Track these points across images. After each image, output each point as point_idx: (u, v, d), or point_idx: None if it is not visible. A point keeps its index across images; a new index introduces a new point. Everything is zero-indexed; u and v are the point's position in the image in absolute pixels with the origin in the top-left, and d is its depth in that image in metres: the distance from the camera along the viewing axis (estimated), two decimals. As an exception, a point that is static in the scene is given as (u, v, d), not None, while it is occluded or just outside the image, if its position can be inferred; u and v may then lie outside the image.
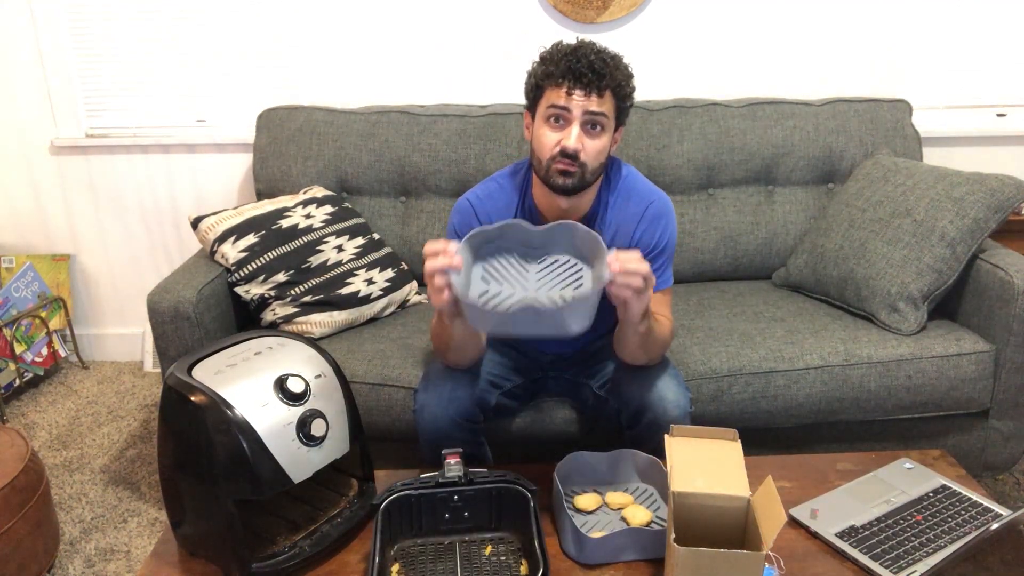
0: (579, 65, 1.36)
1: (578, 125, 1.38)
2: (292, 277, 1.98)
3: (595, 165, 1.42)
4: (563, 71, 1.37)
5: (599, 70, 1.36)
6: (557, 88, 1.38)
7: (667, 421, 1.49)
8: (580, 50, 1.38)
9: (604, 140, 1.41)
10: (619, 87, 1.40)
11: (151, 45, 2.56)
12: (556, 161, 1.40)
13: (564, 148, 1.38)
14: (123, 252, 2.81)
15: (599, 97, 1.38)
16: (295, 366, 1.30)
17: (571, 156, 1.39)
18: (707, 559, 1.06)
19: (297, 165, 2.29)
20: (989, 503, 1.39)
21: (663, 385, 1.52)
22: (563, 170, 1.40)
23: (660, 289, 1.54)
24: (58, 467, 2.27)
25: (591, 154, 1.40)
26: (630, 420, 1.56)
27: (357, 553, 1.33)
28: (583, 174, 1.41)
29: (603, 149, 1.42)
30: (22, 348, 2.65)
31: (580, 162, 1.40)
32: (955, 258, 1.89)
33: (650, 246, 1.53)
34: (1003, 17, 2.52)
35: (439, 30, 2.52)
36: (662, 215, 1.54)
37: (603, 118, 1.39)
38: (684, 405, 1.52)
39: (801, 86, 2.55)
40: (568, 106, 1.38)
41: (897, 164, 2.13)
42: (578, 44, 1.40)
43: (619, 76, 1.39)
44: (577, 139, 1.38)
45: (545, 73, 1.40)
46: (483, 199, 1.58)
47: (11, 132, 2.67)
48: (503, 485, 1.35)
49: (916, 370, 1.85)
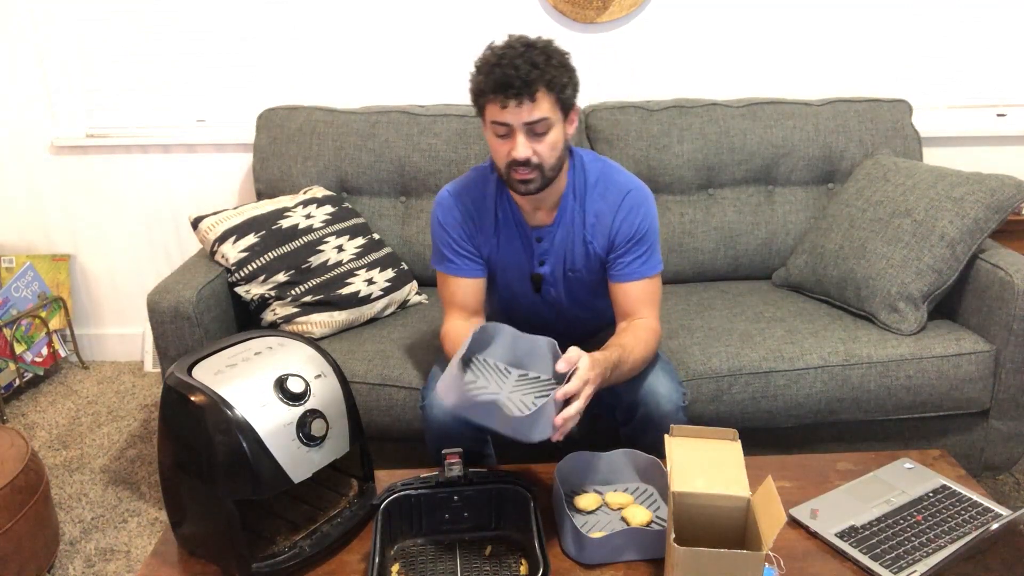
0: (507, 77, 1.34)
1: (522, 135, 1.40)
2: (292, 277, 1.98)
3: (552, 160, 1.44)
4: (492, 86, 1.37)
5: (526, 76, 1.34)
6: (491, 102, 1.39)
7: (660, 415, 1.50)
8: (505, 56, 1.36)
9: (553, 136, 1.42)
10: (552, 83, 1.38)
11: (151, 45, 2.56)
12: (512, 171, 1.44)
13: (514, 159, 1.41)
14: (123, 252, 2.81)
15: (532, 102, 1.37)
16: (295, 366, 1.30)
17: (523, 164, 1.41)
18: (707, 559, 1.06)
19: (297, 165, 2.29)
20: (989, 503, 1.39)
21: (655, 380, 1.53)
22: (521, 179, 1.44)
23: (647, 276, 1.56)
24: (58, 467, 2.27)
25: (544, 154, 1.42)
26: (624, 416, 1.58)
27: (357, 553, 1.33)
28: (542, 173, 1.44)
29: (555, 143, 1.43)
30: (22, 348, 2.65)
31: (534, 164, 1.42)
32: (955, 258, 1.89)
33: (629, 235, 1.54)
34: (1003, 17, 2.52)
35: (439, 30, 2.52)
36: (640, 204, 1.55)
37: (544, 122, 1.40)
38: (676, 399, 1.52)
39: (801, 86, 2.55)
40: (506, 120, 1.39)
41: (897, 164, 2.13)
42: (505, 47, 1.39)
43: (550, 73, 1.37)
44: (524, 147, 1.40)
45: (478, 90, 1.41)
46: (461, 190, 1.61)
47: (11, 132, 2.67)
48: (503, 485, 1.35)
49: (916, 370, 1.85)
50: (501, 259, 1.62)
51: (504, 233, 1.60)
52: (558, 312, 1.68)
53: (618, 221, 1.54)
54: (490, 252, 1.62)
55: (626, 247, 1.55)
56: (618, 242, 1.55)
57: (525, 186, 1.45)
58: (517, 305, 1.68)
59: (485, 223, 1.59)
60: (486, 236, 1.60)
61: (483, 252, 1.62)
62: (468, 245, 1.60)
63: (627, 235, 1.54)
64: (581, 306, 1.67)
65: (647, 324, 1.54)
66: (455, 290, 1.61)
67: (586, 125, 2.32)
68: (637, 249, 1.55)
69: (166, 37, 2.55)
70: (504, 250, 1.61)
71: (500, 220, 1.59)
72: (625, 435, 1.60)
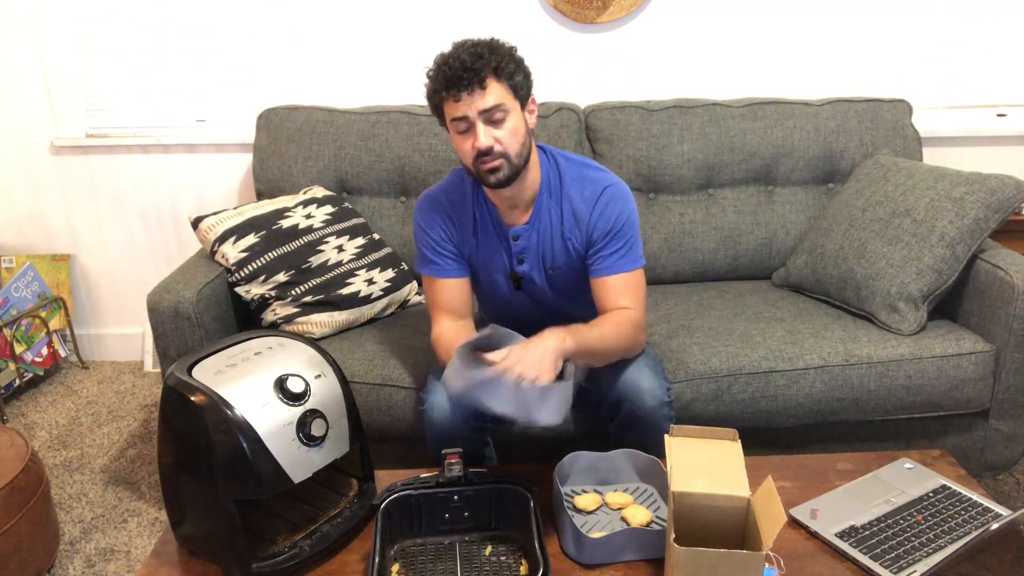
0: (453, 71, 1.41)
1: (480, 124, 1.43)
2: (292, 277, 1.98)
3: (516, 147, 1.47)
4: (442, 83, 1.43)
5: (471, 66, 1.40)
6: (446, 100, 1.45)
7: (644, 411, 1.51)
8: (451, 55, 1.43)
9: (512, 122, 1.46)
10: (498, 69, 1.43)
11: (151, 45, 2.56)
12: (479, 163, 1.46)
13: (478, 148, 1.44)
14: (123, 252, 2.81)
15: (483, 90, 1.41)
16: (295, 366, 1.30)
17: (488, 153, 1.44)
18: (707, 559, 1.06)
19: (297, 165, 2.29)
20: (989, 503, 1.39)
21: (639, 375, 1.54)
22: (489, 168, 1.46)
23: (626, 270, 1.56)
24: (58, 467, 2.27)
25: (506, 141, 1.45)
26: (610, 411, 1.59)
27: (357, 553, 1.33)
28: (509, 160, 1.46)
29: (516, 129, 1.46)
30: (22, 348, 2.65)
31: (499, 152, 1.45)
32: (955, 258, 1.89)
33: (606, 229, 1.56)
34: (1003, 17, 2.52)
35: (439, 30, 2.52)
36: (616, 199, 1.57)
37: (499, 108, 1.44)
38: (660, 395, 1.53)
39: (801, 86, 2.55)
40: (462, 113, 1.43)
41: (897, 164, 2.13)
42: (452, 48, 1.45)
43: (494, 60, 1.42)
44: (485, 136, 1.44)
45: (432, 91, 1.47)
46: (442, 195, 1.63)
47: (11, 132, 2.67)
48: (503, 485, 1.35)
49: (916, 370, 1.85)
50: (481, 259, 1.63)
51: (482, 233, 1.61)
52: (544, 309, 1.68)
53: (595, 216, 1.56)
54: (470, 252, 1.63)
55: (604, 242, 1.56)
56: (596, 237, 1.56)
57: (494, 175, 1.46)
58: (502, 303, 1.69)
59: (464, 224, 1.61)
60: (465, 236, 1.62)
61: (464, 252, 1.63)
62: (449, 245, 1.61)
63: (604, 230, 1.55)
64: (566, 302, 1.67)
65: (628, 314, 1.55)
66: (441, 291, 1.62)
67: (586, 125, 2.32)
68: (615, 243, 1.55)
69: (166, 37, 2.55)
70: (483, 250, 1.62)
71: (478, 220, 1.61)
72: (612, 432, 1.60)
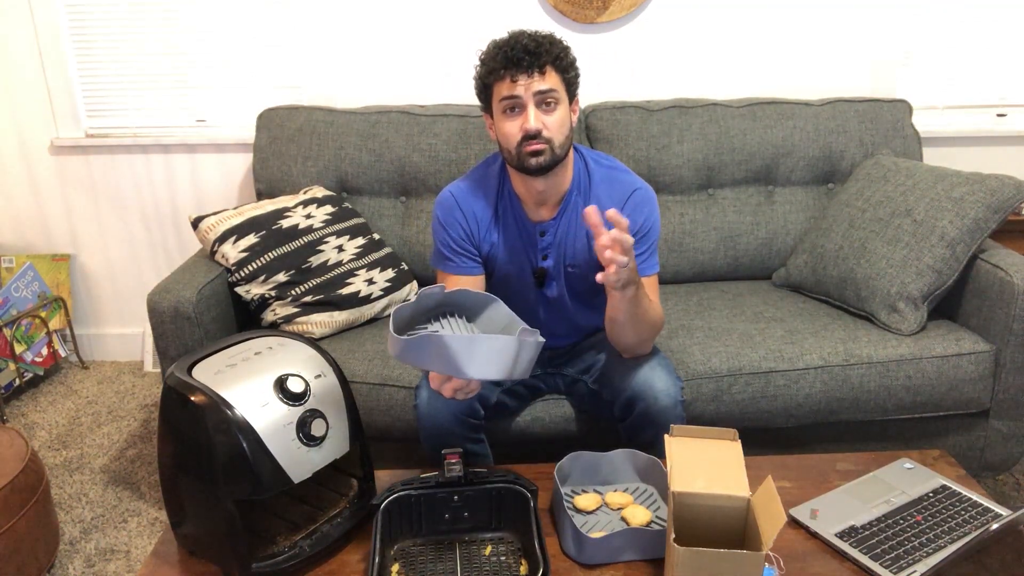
0: (514, 52, 1.43)
1: (532, 106, 1.45)
2: (292, 277, 1.98)
3: (561, 139, 1.47)
4: (501, 63, 1.44)
5: (533, 51, 1.43)
6: (502, 81, 1.46)
7: (657, 410, 1.51)
8: (512, 40, 1.46)
9: (561, 113, 1.47)
10: (558, 60, 1.46)
11: (151, 45, 2.56)
12: (523, 145, 1.46)
13: (527, 131, 1.45)
14: (123, 252, 2.81)
15: (541, 75, 1.44)
16: (295, 366, 1.30)
17: (535, 136, 1.45)
18: (707, 559, 1.06)
19: (297, 165, 2.29)
20: (989, 503, 1.39)
21: (652, 375, 1.54)
22: (533, 151, 1.46)
23: (646, 275, 1.57)
24: (58, 467, 2.27)
25: (553, 128, 1.46)
26: (622, 411, 1.58)
27: (357, 553, 1.33)
28: (552, 149, 1.47)
29: (563, 121, 1.48)
30: (22, 348, 2.65)
31: (545, 138, 1.45)
32: (955, 258, 1.89)
33: (633, 231, 1.55)
34: (1003, 17, 2.52)
35: (439, 30, 2.52)
36: (646, 202, 1.58)
37: (553, 93, 1.45)
38: (674, 394, 1.53)
39: (801, 86, 2.55)
40: (516, 93, 1.44)
41: (897, 164, 2.13)
42: (509, 36, 1.47)
43: (555, 50, 1.45)
44: (536, 118, 1.45)
45: (487, 71, 1.48)
46: (465, 192, 1.63)
47: (11, 132, 2.67)
48: (503, 485, 1.35)
49: (916, 370, 1.85)
50: (501, 255, 1.63)
51: (504, 229, 1.61)
52: (558, 309, 1.68)
53: (624, 215, 1.54)
54: (490, 249, 1.62)
55: None
56: None
57: (536, 159, 1.46)
58: (516, 302, 1.68)
59: (485, 219, 1.61)
60: (486, 232, 1.61)
61: (483, 250, 1.63)
62: (467, 244, 1.61)
63: (631, 232, 1.54)
64: (580, 303, 1.67)
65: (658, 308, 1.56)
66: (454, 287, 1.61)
67: (586, 125, 2.32)
68: (639, 247, 1.55)
69: (166, 37, 2.55)
70: (504, 246, 1.62)
71: (500, 215, 1.61)
72: (624, 431, 1.60)
